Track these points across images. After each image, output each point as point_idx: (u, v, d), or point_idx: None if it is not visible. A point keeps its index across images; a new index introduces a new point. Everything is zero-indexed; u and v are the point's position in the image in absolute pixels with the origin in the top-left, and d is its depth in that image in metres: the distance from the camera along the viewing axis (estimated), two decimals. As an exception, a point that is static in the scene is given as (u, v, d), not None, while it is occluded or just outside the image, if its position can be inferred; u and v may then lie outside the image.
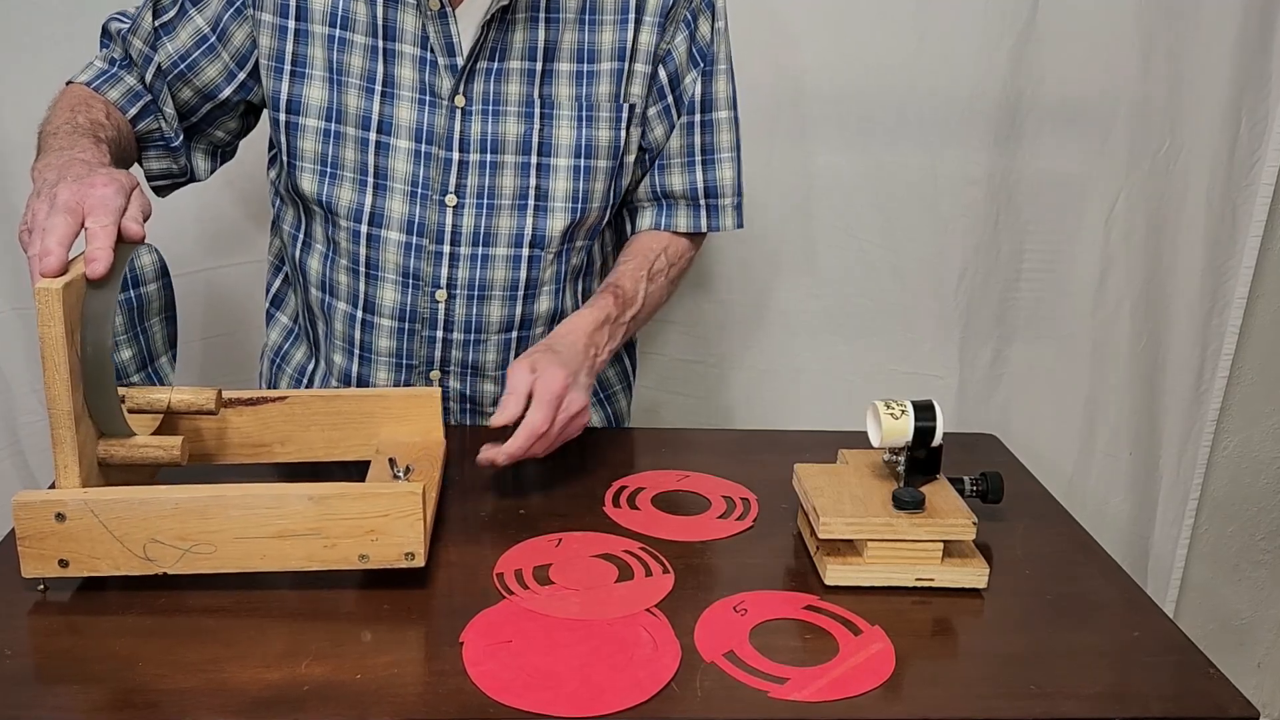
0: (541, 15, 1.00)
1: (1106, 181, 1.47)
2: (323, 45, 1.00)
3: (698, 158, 1.09)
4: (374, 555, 0.78)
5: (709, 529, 0.91)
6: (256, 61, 1.02)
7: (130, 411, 0.82)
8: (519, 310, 1.07)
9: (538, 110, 1.02)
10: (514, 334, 1.08)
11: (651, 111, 1.06)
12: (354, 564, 0.78)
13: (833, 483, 0.87)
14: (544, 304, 1.08)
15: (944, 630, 0.79)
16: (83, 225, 0.76)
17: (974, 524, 0.82)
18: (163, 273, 0.89)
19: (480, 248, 1.04)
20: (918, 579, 0.83)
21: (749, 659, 0.73)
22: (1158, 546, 1.66)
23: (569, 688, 0.69)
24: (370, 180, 1.02)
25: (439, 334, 1.06)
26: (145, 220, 0.80)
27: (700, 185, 1.10)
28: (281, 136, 1.03)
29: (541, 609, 0.77)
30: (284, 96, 1.01)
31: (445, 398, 1.08)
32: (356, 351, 1.09)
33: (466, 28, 0.99)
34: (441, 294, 1.05)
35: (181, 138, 1.06)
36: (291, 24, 1.00)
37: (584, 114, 1.02)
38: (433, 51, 0.99)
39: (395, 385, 1.08)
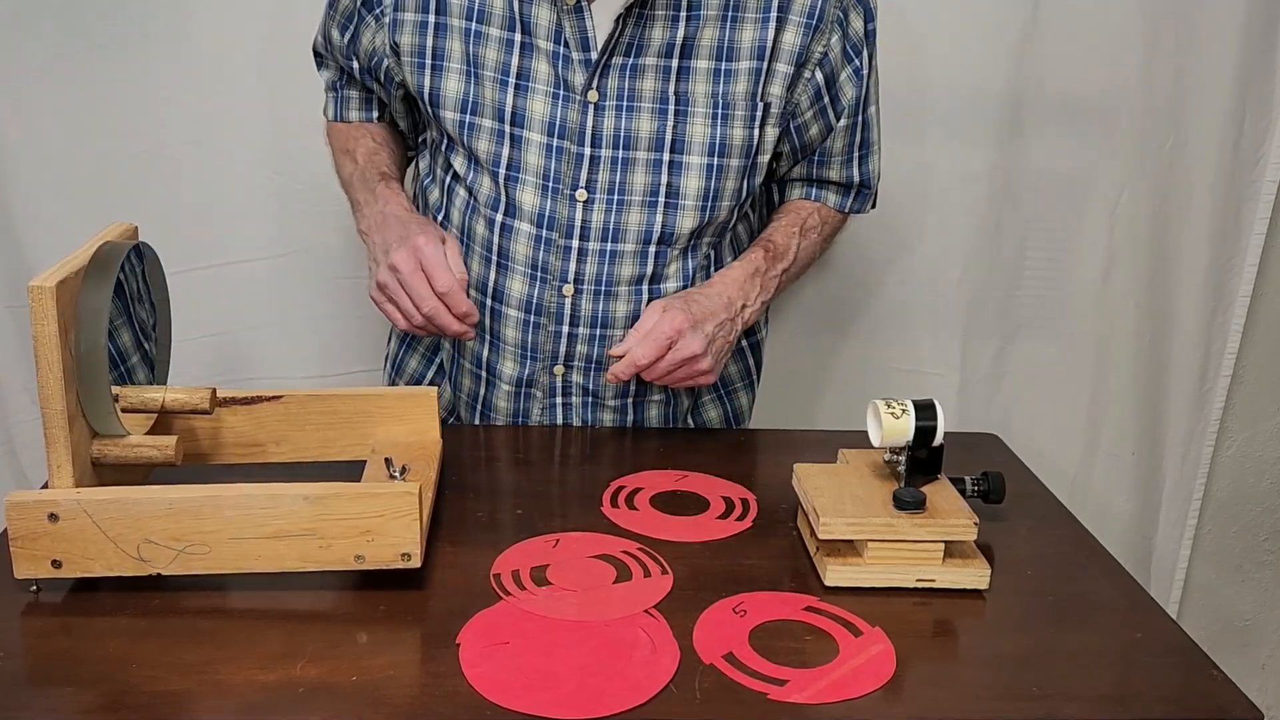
0: (682, 12, 1.00)
1: (1110, 178, 1.46)
2: (460, 38, 1.01)
3: (855, 154, 1.13)
4: (370, 556, 0.77)
5: (708, 529, 0.90)
6: (384, 65, 1.06)
7: (124, 411, 0.81)
8: (644, 306, 1.07)
9: (672, 107, 1.02)
10: None
11: (808, 114, 1.07)
12: (350, 565, 0.77)
13: (833, 483, 0.86)
14: None
15: (945, 631, 0.79)
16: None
17: (975, 524, 0.82)
18: (157, 270, 0.89)
19: (609, 243, 1.04)
20: (919, 580, 0.82)
21: (748, 660, 0.72)
22: (1160, 547, 1.65)
23: (567, 689, 0.68)
24: (503, 172, 1.03)
25: (564, 329, 1.07)
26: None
27: (856, 177, 1.15)
28: (434, 127, 1.07)
29: (539, 610, 0.77)
30: (426, 90, 1.03)
31: (567, 391, 1.10)
32: (487, 337, 1.10)
33: (602, 22, 0.99)
34: (569, 289, 1.05)
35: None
36: (431, 19, 1.02)
37: (719, 112, 1.02)
38: (567, 46, 1.00)
39: (521, 378, 1.10)
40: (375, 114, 1.15)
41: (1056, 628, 0.79)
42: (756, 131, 1.04)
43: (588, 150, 1.02)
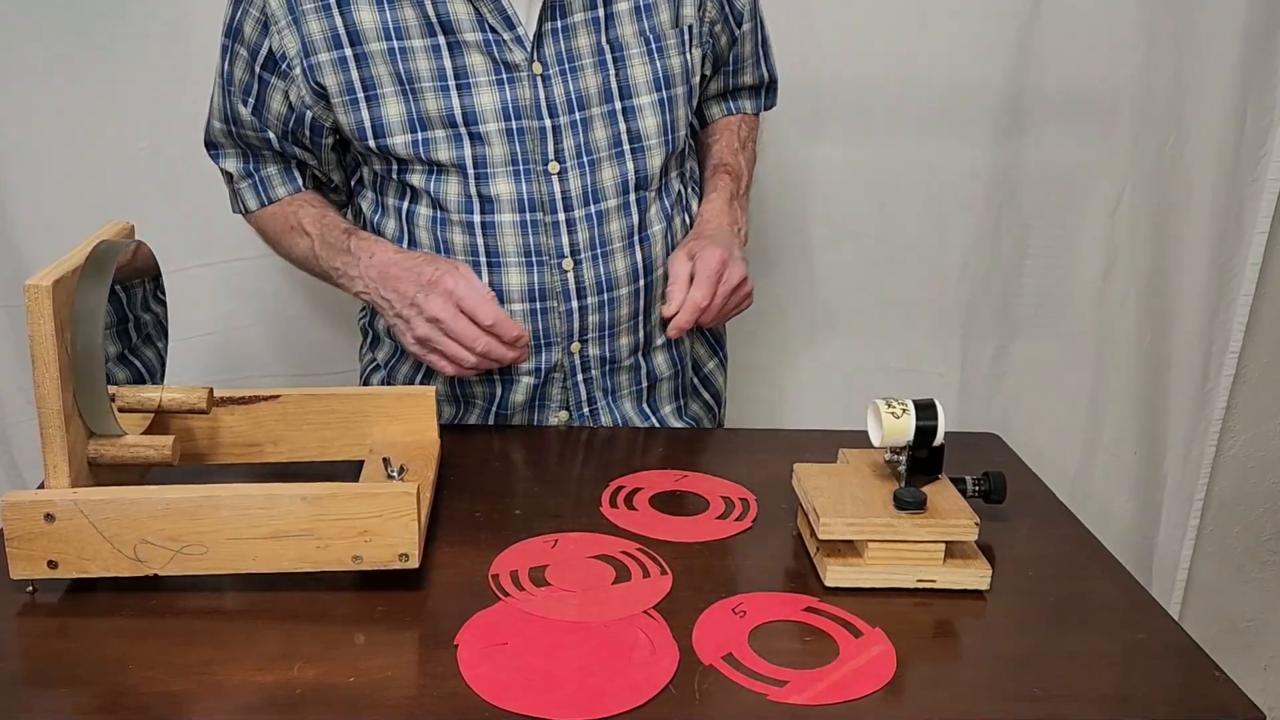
0: None
1: (1111, 175, 1.46)
2: (385, 61, 1.00)
3: (760, 52, 1.20)
4: (368, 556, 0.77)
5: (707, 529, 0.90)
6: (308, 118, 1.04)
7: (121, 410, 0.81)
8: (639, 256, 1.08)
9: (609, 56, 1.03)
10: (640, 282, 1.09)
11: (717, 27, 1.11)
12: (347, 565, 0.77)
13: (833, 483, 0.86)
14: (658, 243, 1.10)
15: (945, 632, 0.78)
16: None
17: (976, 525, 0.81)
18: (154, 268, 0.88)
19: (592, 205, 1.05)
20: (919, 580, 0.82)
21: (748, 661, 0.72)
22: (1162, 547, 1.65)
23: (566, 690, 0.68)
24: (471, 171, 1.02)
25: (573, 304, 1.07)
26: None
27: (765, 75, 1.22)
28: (378, 162, 1.04)
29: (538, 611, 0.77)
30: (367, 123, 1.01)
31: (586, 367, 1.11)
32: None
33: None
34: (568, 263, 1.05)
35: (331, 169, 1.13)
36: (349, 51, 1.00)
37: (652, 47, 1.05)
38: (494, 30, 1.00)
39: (539, 368, 1.08)
40: (301, 182, 1.12)
41: (1057, 628, 0.79)
42: (688, 56, 1.07)
43: (548, 122, 1.02)
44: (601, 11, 1.02)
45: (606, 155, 1.04)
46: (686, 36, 1.06)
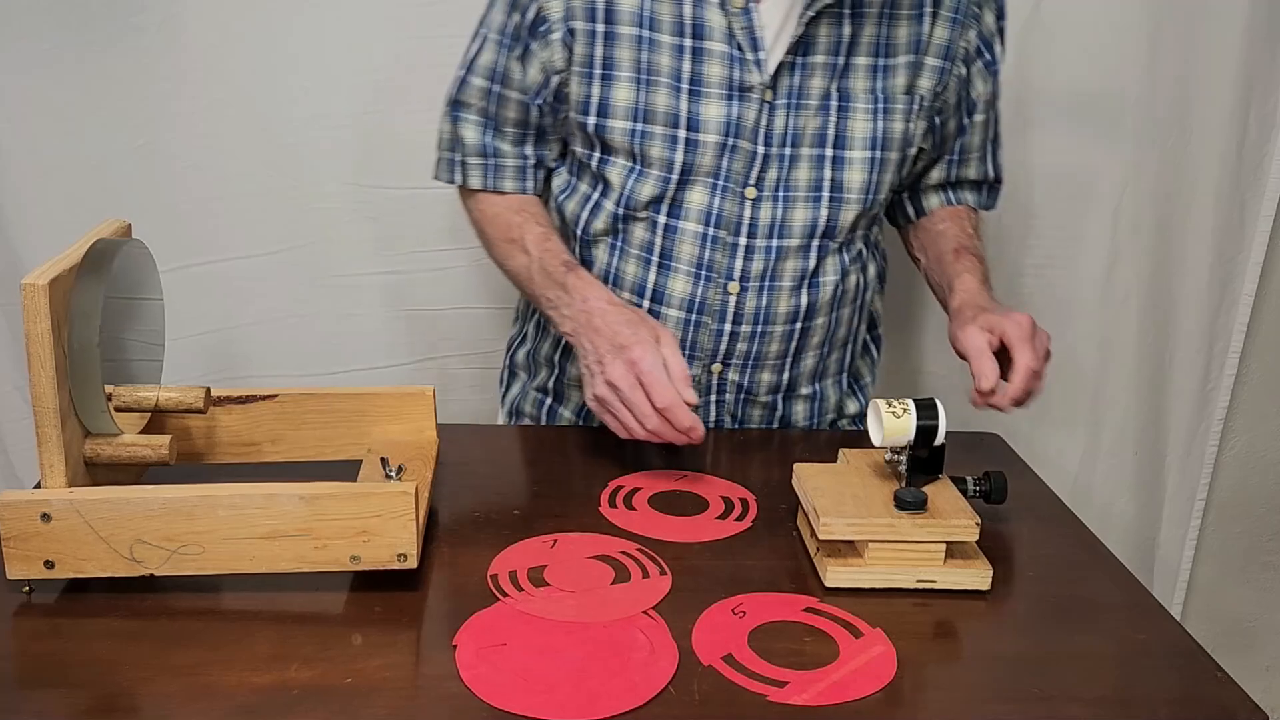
0: (847, 11, 1.01)
1: (1113, 175, 1.45)
2: (630, 46, 1.01)
3: (989, 149, 1.17)
4: (365, 556, 0.76)
5: (707, 530, 0.90)
6: (553, 84, 1.04)
7: (117, 409, 0.81)
8: (804, 300, 1.08)
9: (834, 103, 1.03)
10: (798, 325, 1.09)
11: (949, 108, 1.10)
12: (345, 565, 0.77)
13: (833, 483, 0.86)
14: (826, 293, 1.10)
15: (946, 633, 0.78)
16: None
17: (977, 525, 0.81)
18: (151, 269, 0.88)
19: (774, 239, 1.05)
20: (919, 581, 0.81)
21: (748, 662, 0.72)
22: (1164, 547, 1.64)
23: (564, 691, 0.68)
24: (675, 176, 1.03)
25: (726, 326, 1.07)
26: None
27: (991, 172, 1.18)
28: (594, 138, 1.05)
29: (536, 611, 0.76)
30: (594, 100, 1.03)
31: (722, 389, 1.11)
32: None
33: (768, 22, 1.00)
34: (734, 286, 1.06)
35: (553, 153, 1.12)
36: (601, 27, 1.01)
37: (878, 107, 1.04)
38: (739, 48, 1.00)
39: None
40: (531, 184, 1.10)
41: (1058, 629, 0.79)
42: (913, 125, 1.06)
43: (760, 148, 1.02)
44: (842, 60, 1.02)
45: (803, 196, 1.05)
46: (916, 105, 1.06)
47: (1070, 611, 0.81)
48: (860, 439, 0.88)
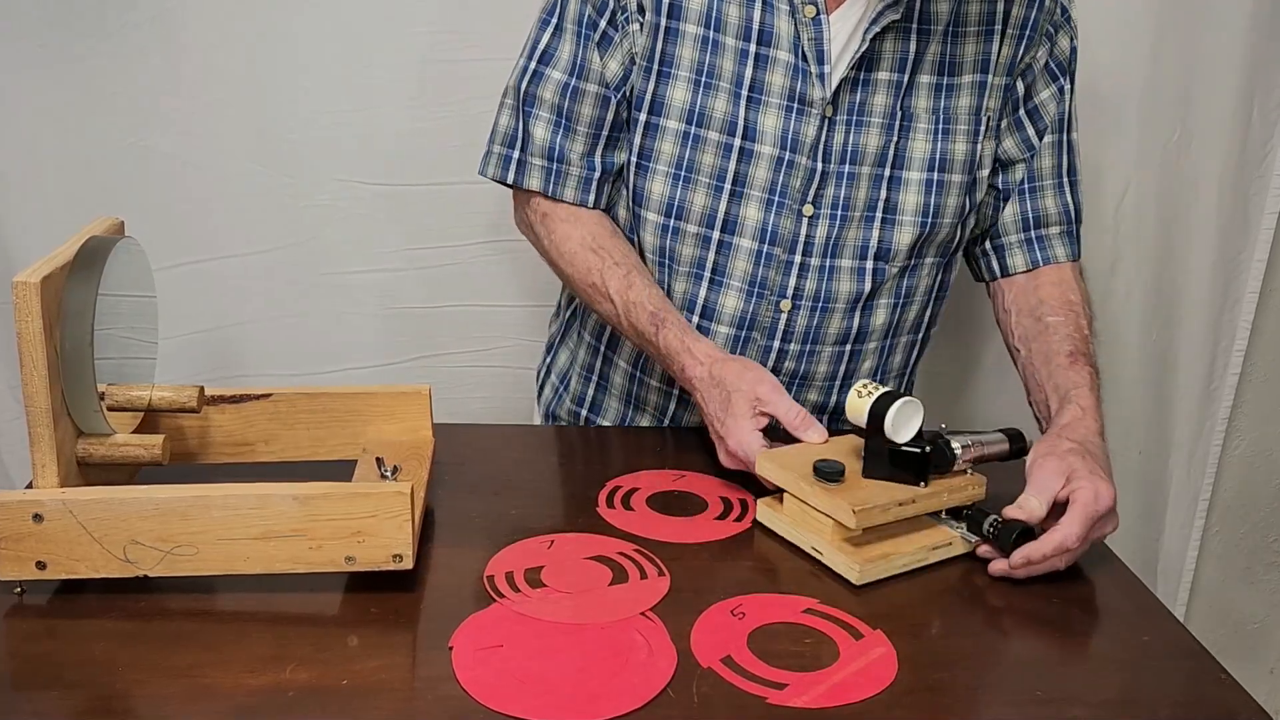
0: (914, 26, 0.98)
1: (1115, 172, 1.45)
2: (693, 45, 0.98)
3: (1065, 179, 1.08)
4: (361, 557, 0.76)
5: (705, 530, 0.89)
6: (631, 76, 1.01)
7: (110, 409, 0.80)
8: (856, 323, 1.06)
9: (897, 122, 1.00)
10: (848, 346, 1.07)
11: (1004, 123, 1.05)
12: (340, 566, 0.76)
13: (804, 449, 0.90)
14: (880, 317, 1.07)
15: (948, 634, 0.78)
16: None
17: (857, 524, 0.80)
18: (144, 267, 0.88)
19: (828, 259, 1.03)
20: (812, 547, 0.85)
21: (747, 664, 0.71)
22: (1167, 549, 1.64)
23: (561, 693, 0.67)
24: (727, 186, 1.01)
25: (775, 344, 1.05)
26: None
27: (1071, 207, 1.09)
28: (637, 138, 1.02)
29: (533, 612, 0.76)
30: (648, 96, 1.00)
31: None
32: None
33: (837, 35, 0.98)
34: (786, 304, 1.04)
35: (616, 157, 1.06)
36: (664, 21, 0.98)
37: (940, 127, 1.01)
38: (804, 59, 0.98)
39: None
40: (593, 198, 1.05)
41: (1061, 631, 0.78)
42: (979, 146, 1.03)
43: (819, 165, 1.00)
44: (905, 77, 0.99)
45: (859, 215, 1.02)
46: (981, 126, 1.02)
47: (1073, 613, 0.81)
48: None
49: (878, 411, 0.84)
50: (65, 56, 1.29)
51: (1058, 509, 0.83)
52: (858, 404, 0.85)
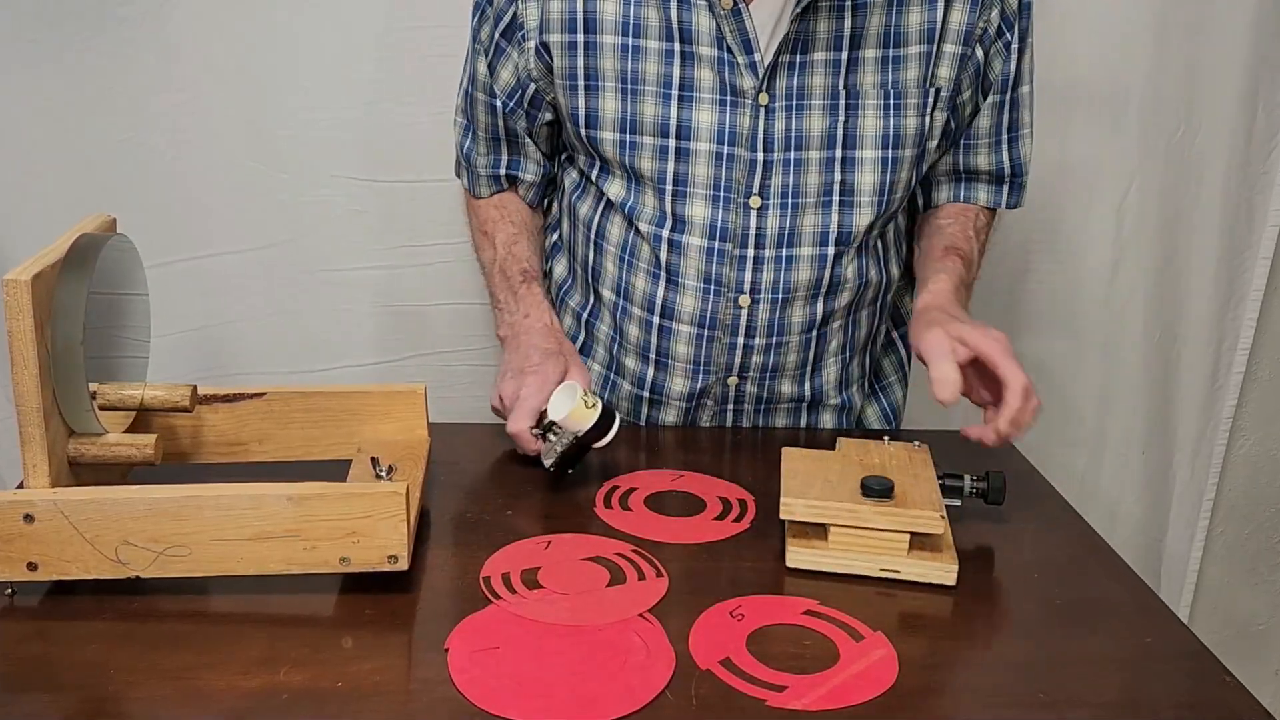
0: (848, 2, 0.97)
1: (1118, 169, 1.44)
2: (614, 55, 0.99)
3: (1004, 136, 1.08)
4: (355, 558, 0.76)
5: (704, 531, 0.89)
6: (530, 91, 1.05)
7: (102, 408, 0.80)
8: (820, 309, 1.05)
9: (842, 102, 0.99)
10: (814, 333, 1.07)
11: (966, 93, 1.03)
12: (335, 567, 0.76)
13: (812, 467, 0.86)
14: (844, 299, 1.06)
15: (949, 636, 0.77)
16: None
17: (942, 517, 0.80)
18: (136, 264, 0.87)
19: (784, 249, 1.02)
20: (882, 569, 0.81)
21: (746, 666, 0.71)
22: (1171, 549, 1.63)
23: (558, 696, 0.67)
24: (669, 188, 1.01)
25: (740, 340, 1.05)
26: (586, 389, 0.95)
27: (1006, 163, 1.09)
28: (585, 147, 1.04)
29: (530, 614, 0.75)
30: (582, 112, 1.01)
31: (740, 399, 1.09)
32: (653, 357, 1.08)
33: (763, 23, 0.97)
34: (744, 299, 1.03)
35: (541, 165, 1.14)
36: (581, 38, 0.99)
37: (890, 102, 0.99)
38: (730, 51, 0.97)
39: (692, 392, 1.09)
40: (503, 185, 1.14)
41: (1064, 632, 0.78)
42: (928, 119, 1.01)
43: (760, 155, 0.99)
44: (845, 55, 0.97)
45: (813, 202, 1.01)
46: (931, 99, 1.00)
47: (1075, 614, 0.80)
48: (870, 438, 0.87)
49: (592, 433, 0.91)
50: (55, 52, 1.29)
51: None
52: (585, 412, 0.91)
